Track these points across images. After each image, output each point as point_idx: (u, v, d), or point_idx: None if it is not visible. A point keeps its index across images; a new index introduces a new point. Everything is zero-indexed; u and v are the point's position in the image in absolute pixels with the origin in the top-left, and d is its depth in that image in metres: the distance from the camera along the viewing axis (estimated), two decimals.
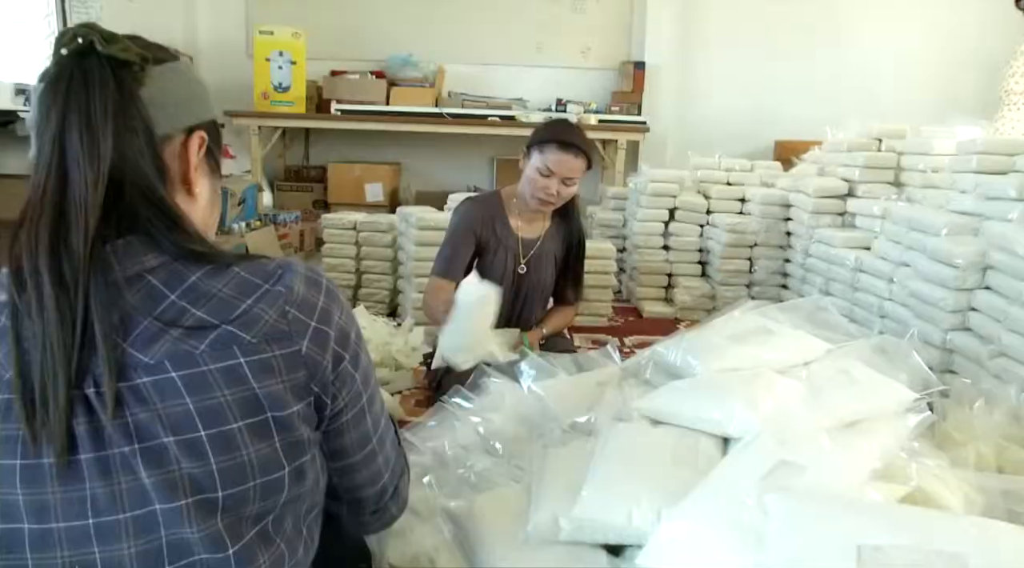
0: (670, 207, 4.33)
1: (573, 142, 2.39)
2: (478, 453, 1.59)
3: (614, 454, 1.19)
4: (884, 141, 3.67)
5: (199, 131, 0.89)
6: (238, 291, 0.80)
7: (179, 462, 0.74)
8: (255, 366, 0.77)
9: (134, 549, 0.74)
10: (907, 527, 0.84)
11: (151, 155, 0.81)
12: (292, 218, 5.09)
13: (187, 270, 0.80)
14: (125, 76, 0.80)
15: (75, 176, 0.76)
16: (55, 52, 0.80)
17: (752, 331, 1.46)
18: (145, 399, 0.74)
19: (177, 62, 0.89)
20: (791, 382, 1.31)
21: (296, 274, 0.84)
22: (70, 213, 0.75)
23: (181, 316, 0.76)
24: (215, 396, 0.75)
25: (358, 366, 0.90)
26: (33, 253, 0.74)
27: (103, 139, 0.77)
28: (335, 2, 6.10)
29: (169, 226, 0.80)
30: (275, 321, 0.79)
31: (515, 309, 2.64)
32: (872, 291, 3.11)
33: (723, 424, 1.19)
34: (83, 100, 0.77)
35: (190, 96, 0.89)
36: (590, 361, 1.79)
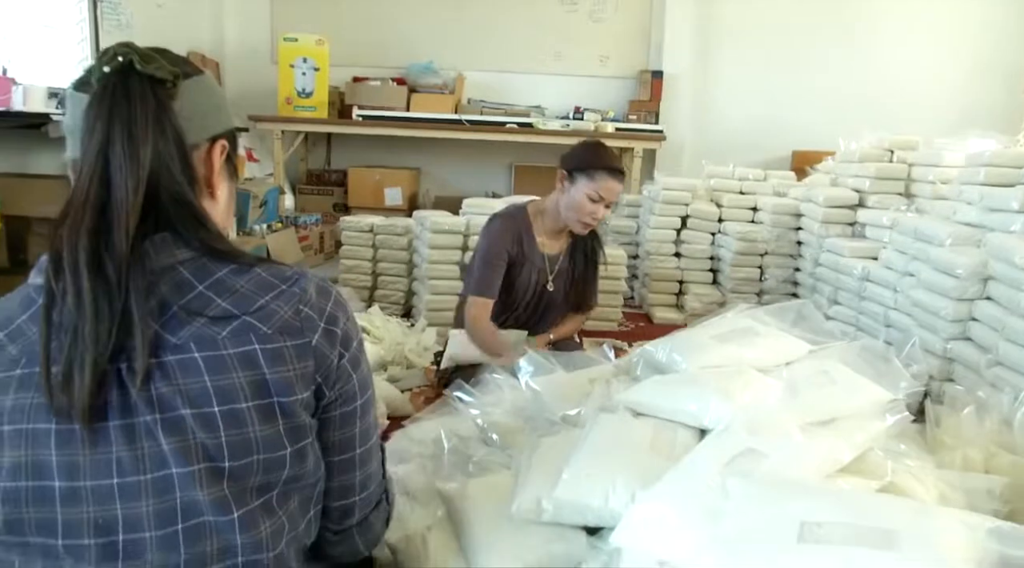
0: (682, 215, 4.38)
1: (619, 167, 2.50)
2: (476, 443, 1.67)
3: (596, 442, 1.26)
4: (896, 152, 3.71)
5: (221, 140, 0.99)
6: (258, 288, 0.90)
7: (194, 432, 0.83)
8: (268, 354, 0.87)
9: (152, 508, 0.83)
10: (847, 506, 0.90)
11: (182, 162, 0.91)
12: (312, 220, 5.20)
13: (213, 266, 0.90)
14: (160, 92, 0.90)
15: (118, 181, 0.85)
16: (98, 69, 0.89)
17: (737, 331, 1.52)
18: (169, 375, 0.83)
19: (202, 75, 0.99)
20: (770, 380, 1.37)
21: (309, 281, 0.95)
22: (112, 214, 0.85)
23: (207, 305, 0.87)
24: (230, 377, 0.85)
25: (357, 369, 0.99)
26: (74, 249, 0.83)
27: (143, 149, 0.86)
28: (358, 10, 6.22)
29: (197, 226, 0.90)
30: (289, 317, 0.90)
31: (533, 318, 2.72)
32: (878, 300, 3.15)
33: (699, 416, 1.26)
34: (125, 114, 0.86)
35: (214, 108, 0.99)
36: (587, 359, 1.86)
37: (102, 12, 4.99)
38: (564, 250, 2.71)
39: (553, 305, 2.72)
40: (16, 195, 3.67)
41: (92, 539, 0.83)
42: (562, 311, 2.79)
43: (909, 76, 6.21)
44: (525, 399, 1.72)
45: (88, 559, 0.83)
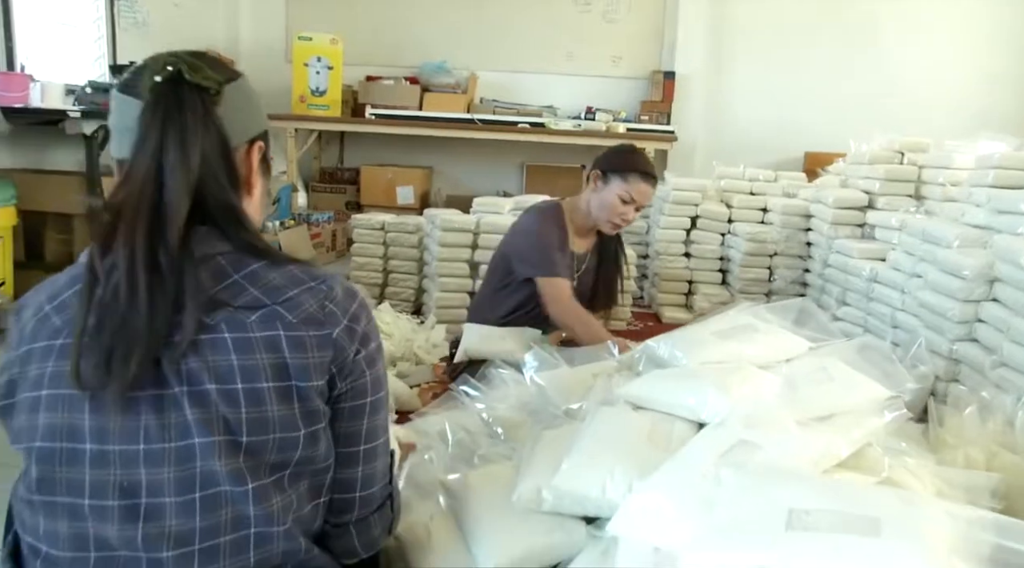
0: (692, 215, 4.39)
1: (653, 173, 2.55)
2: (481, 437, 1.69)
3: (595, 434, 1.29)
4: (906, 154, 3.71)
5: (259, 141, 1.07)
6: (288, 282, 0.97)
7: (217, 406, 0.90)
8: (291, 340, 0.94)
9: (173, 474, 0.90)
10: (834, 494, 0.92)
11: (226, 164, 0.98)
12: (325, 218, 5.24)
13: (249, 259, 0.97)
14: (207, 99, 0.97)
15: (171, 185, 0.93)
16: (148, 77, 0.96)
17: (738, 328, 1.54)
18: (200, 352, 0.91)
19: (241, 79, 1.05)
20: (769, 375, 1.39)
21: (337, 283, 1.02)
22: (166, 213, 0.92)
23: (241, 292, 0.94)
24: (255, 358, 0.92)
25: (372, 367, 1.04)
26: (131, 249, 0.90)
27: (193, 154, 0.94)
28: (372, 10, 6.26)
29: (236, 223, 0.98)
30: (314, 310, 0.97)
31: None
32: (885, 301, 3.15)
33: (696, 409, 1.29)
34: (178, 123, 0.94)
35: (252, 110, 1.06)
36: (591, 355, 1.89)
37: (119, 10, 5.06)
38: (590, 249, 2.74)
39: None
40: (33, 190, 3.73)
41: (116, 500, 0.89)
42: None
43: (921, 79, 6.20)
44: (530, 394, 1.75)
45: (111, 519, 0.89)
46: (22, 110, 3.75)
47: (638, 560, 1.01)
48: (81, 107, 3.81)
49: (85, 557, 0.90)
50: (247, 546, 0.93)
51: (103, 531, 0.90)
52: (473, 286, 3.69)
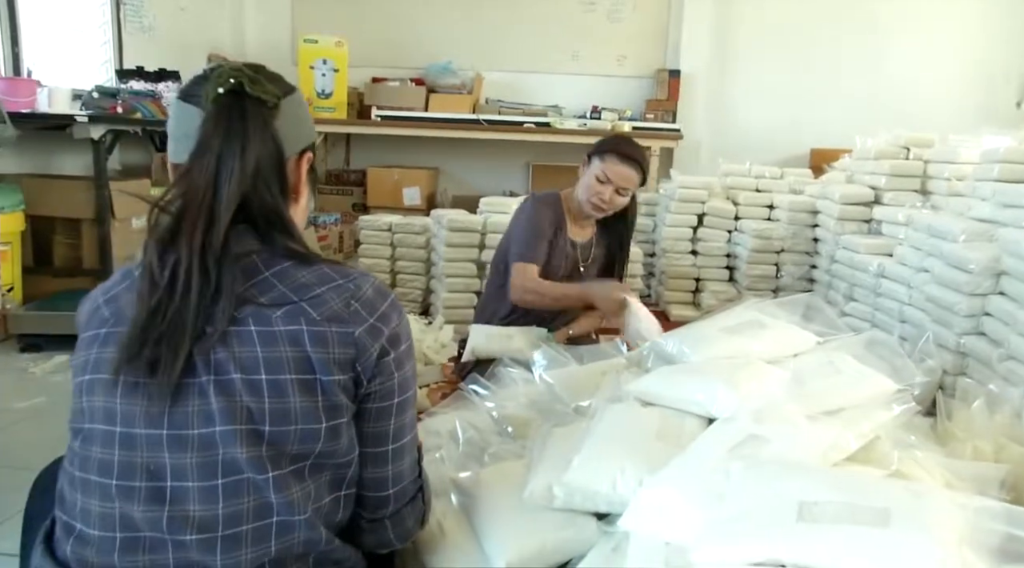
0: (699, 213, 4.40)
1: (631, 155, 2.52)
2: (491, 435, 1.70)
3: (604, 430, 1.30)
4: (912, 149, 3.71)
5: (308, 152, 1.12)
6: (317, 280, 1.00)
7: (241, 395, 0.93)
8: (313, 336, 0.96)
9: (196, 460, 0.93)
10: (843, 486, 0.93)
11: (279, 174, 1.03)
12: (332, 220, 5.26)
13: (282, 257, 1.01)
14: (266, 113, 1.02)
15: (225, 190, 0.97)
16: (212, 89, 1.00)
17: (745, 324, 1.55)
18: (228, 343, 0.94)
19: (295, 95, 1.10)
20: (777, 370, 1.40)
21: (369, 282, 1.05)
22: (216, 216, 0.96)
23: (269, 289, 0.98)
24: (278, 350, 0.95)
25: (401, 368, 1.06)
26: (191, 243, 0.95)
27: (250, 162, 0.98)
28: (377, 12, 6.28)
29: (282, 229, 1.02)
30: (339, 308, 0.99)
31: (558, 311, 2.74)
32: (893, 296, 3.16)
33: (706, 405, 1.29)
34: (239, 132, 0.98)
35: (305, 123, 1.11)
36: (599, 353, 1.90)
37: (125, 15, 5.08)
38: (592, 240, 2.74)
39: None
40: (41, 196, 3.74)
41: (142, 482, 0.93)
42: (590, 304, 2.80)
43: (924, 75, 6.20)
44: (539, 392, 1.76)
45: (137, 500, 0.92)
46: (29, 115, 3.76)
47: (649, 555, 1.02)
48: (88, 112, 3.82)
49: (112, 537, 0.93)
50: (269, 535, 0.95)
51: (129, 511, 0.93)
52: (480, 286, 3.70)
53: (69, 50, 4.77)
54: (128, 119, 4.02)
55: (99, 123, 3.75)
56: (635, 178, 2.55)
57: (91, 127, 3.71)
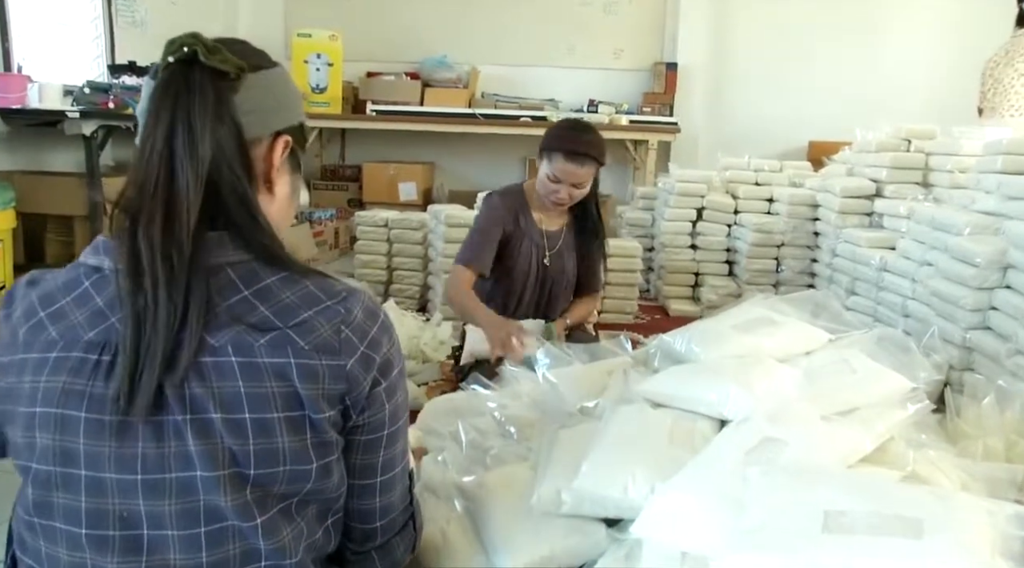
0: (698, 207, 4.36)
1: (578, 151, 2.43)
2: (493, 436, 1.66)
3: (614, 433, 1.26)
4: (913, 142, 3.67)
5: (284, 135, 0.98)
6: (303, 301, 0.88)
7: (223, 437, 0.83)
8: (302, 369, 0.85)
9: (174, 507, 0.83)
10: (870, 494, 0.89)
11: (241, 156, 0.90)
12: (327, 216, 5.21)
13: (263, 272, 0.89)
14: (222, 84, 0.89)
15: (180, 174, 0.85)
16: (163, 58, 0.90)
17: (755, 321, 1.51)
18: (204, 376, 0.83)
19: (271, 70, 0.98)
20: (789, 369, 1.36)
21: (358, 302, 0.92)
22: (177, 208, 0.85)
23: (250, 311, 0.86)
24: (264, 385, 0.84)
25: (392, 397, 0.96)
26: (151, 243, 0.83)
27: (202, 142, 0.86)
28: (371, 5, 6.22)
29: (251, 221, 0.89)
30: (329, 336, 0.88)
31: (541, 299, 2.71)
32: (896, 290, 3.12)
33: (718, 406, 1.25)
34: (186, 106, 0.86)
35: (279, 103, 0.97)
36: (604, 351, 1.85)
37: (116, 9, 5.02)
38: (564, 228, 2.70)
39: (557, 283, 2.70)
40: (32, 192, 3.69)
41: (116, 531, 0.83)
42: (567, 291, 2.77)
43: (923, 68, 6.16)
44: (542, 392, 1.72)
45: (111, 550, 0.83)
46: (20, 111, 3.71)
47: (664, 563, 0.98)
48: (80, 107, 3.77)
49: None
50: None
51: (102, 563, 0.84)
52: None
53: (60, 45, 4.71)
54: (120, 114, 3.96)
55: (91, 119, 3.70)
56: (586, 173, 2.48)
57: (83, 123, 3.66)
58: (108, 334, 0.85)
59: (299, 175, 1.05)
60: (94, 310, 0.86)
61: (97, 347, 0.84)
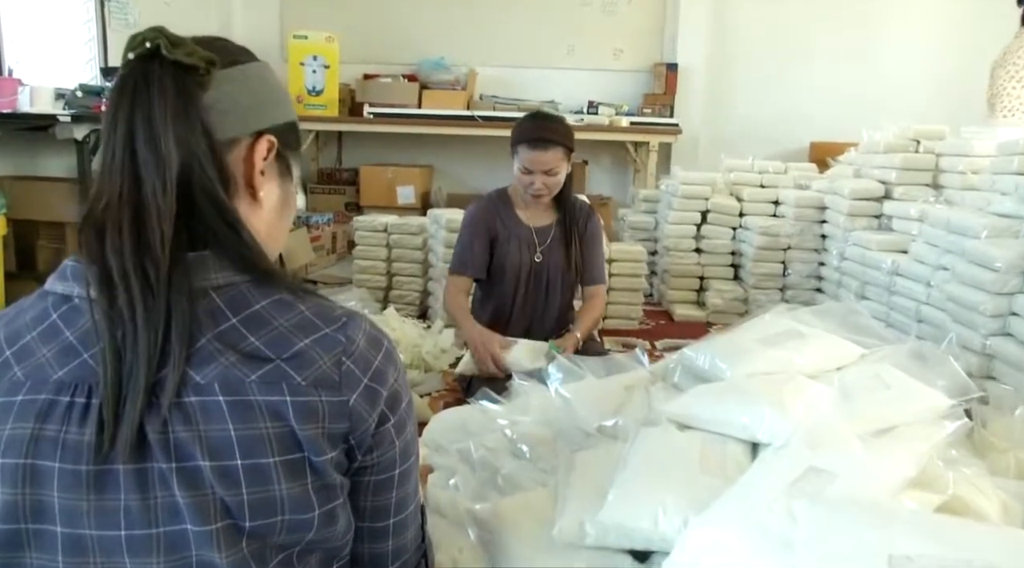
0: (702, 209, 4.29)
1: (540, 137, 2.47)
2: (504, 456, 1.58)
3: (641, 459, 1.17)
4: (922, 142, 3.61)
5: (267, 135, 0.87)
6: (298, 328, 0.78)
7: (213, 487, 0.73)
8: (299, 407, 0.76)
9: (164, 565, 0.73)
10: (939, 536, 0.81)
11: (212, 160, 0.80)
12: (324, 220, 5.12)
13: (252, 296, 0.79)
14: (187, 81, 0.80)
15: (147, 178, 0.76)
16: (124, 55, 0.81)
17: (783, 335, 1.43)
18: (190, 418, 0.73)
19: (249, 65, 0.88)
20: (822, 387, 1.28)
21: (359, 329, 0.82)
22: (147, 218, 0.75)
23: (239, 342, 0.76)
24: (257, 427, 0.74)
25: (402, 433, 0.87)
26: (120, 254, 0.74)
27: (166, 144, 0.76)
28: (368, 7, 6.13)
29: (229, 233, 0.80)
30: (328, 369, 0.78)
31: (539, 298, 2.66)
32: (909, 295, 3.05)
33: (752, 429, 1.17)
34: (146, 105, 0.77)
35: (259, 100, 0.87)
36: (618, 365, 1.77)
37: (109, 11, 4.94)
38: (554, 223, 2.65)
39: (553, 280, 2.65)
40: (24, 198, 3.61)
41: None
42: (566, 289, 2.70)
43: (924, 68, 6.09)
44: (555, 408, 1.64)
45: None
46: (10, 115, 3.63)
47: None
48: (72, 111, 3.68)
49: None
50: None
51: None
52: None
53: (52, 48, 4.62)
54: None
55: (83, 123, 3.61)
56: (554, 157, 2.49)
57: (74, 127, 3.58)
58: (81, 372, 0.75)
59: (290, 181, 0.94)
60: (64, 345, 0.76)
61: (69, 388, 0.74)
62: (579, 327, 2.61)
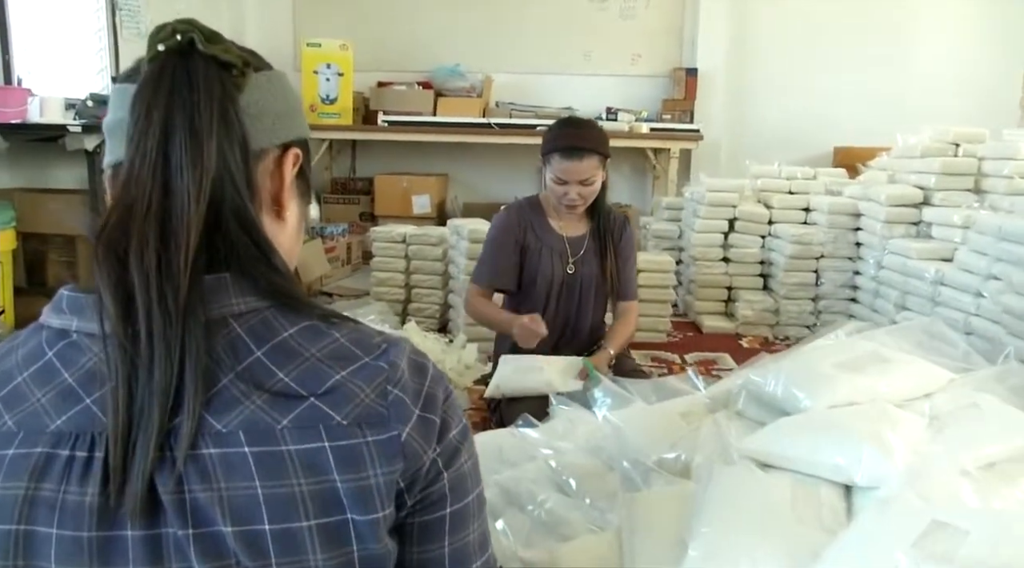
0: (730, 217, 4.16)
1: (574, 146, 2.34)
2: (548, 489, 1.45)
3: (722, 504, 1.03)
4: (962, 145, 3.47)
5: (294, 148, 0.77)
6: (333, 359, 0.67)
7: (237, 558, 0.61)
8: (341, 454, 0.64)
9: None
10: None
11: (245, 171, 0.69)
12: (339, 231, 5.02)
13: (279, 323, 0.67)
14: (227, 79, 0.70)
15: (178, 188, 0.65)
16: (152, 47, 0.69)
17: (863, 358, 1.29)
18: (209, 474, 0.61)
19: (274, 72, 0.78)
20: (916, 418, 1.15)
21: (402, 352, 0.71)
22: (174, 234, 0.64)
23: (267, 379, 0.64)
24: (289, 484, 0.62)
25: (451, 465, 0.72)
26: (145, 275, 0.62)
27: (207, 147, 0.66)
28: (382, 13, 6.04)
29: (261, 257, 0.69)
30: (372, 401, 0.66)
31: (569, 309, 2.53)
32: (956, 306, 2.91)
33: (848, 471, 1.03)
34: (188, 103, 0.67)
35: (288, 109, 0.78)
36: (669, 388, 1.63)
37: (121, 21, 4.84)
38: (588, 233, 2.53)
39: (586, 291, 2.51)
40: (33, 211, 3.50)
41: None
42: (599, 300, 2.57)
43: (954, 70, 5.94)
44: (603, 436, 1.50)
45: None
46: (20, 126, 3.52)
47: None
48: (82, 121, 3.57)
49: None
50: None
51: None
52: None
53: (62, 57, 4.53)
54: None
55: (93, 133, 3.50)
56: (590, 166, 2.35)
57: (85, 137, 3.47)
58: (82, 420, 0.63)
59: (307, 202, 0.83)
60: (62, 389, 0.64)
61: (68, 439, 0.62)
62: (612, 343, 2.48)
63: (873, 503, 0.96)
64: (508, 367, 2.40)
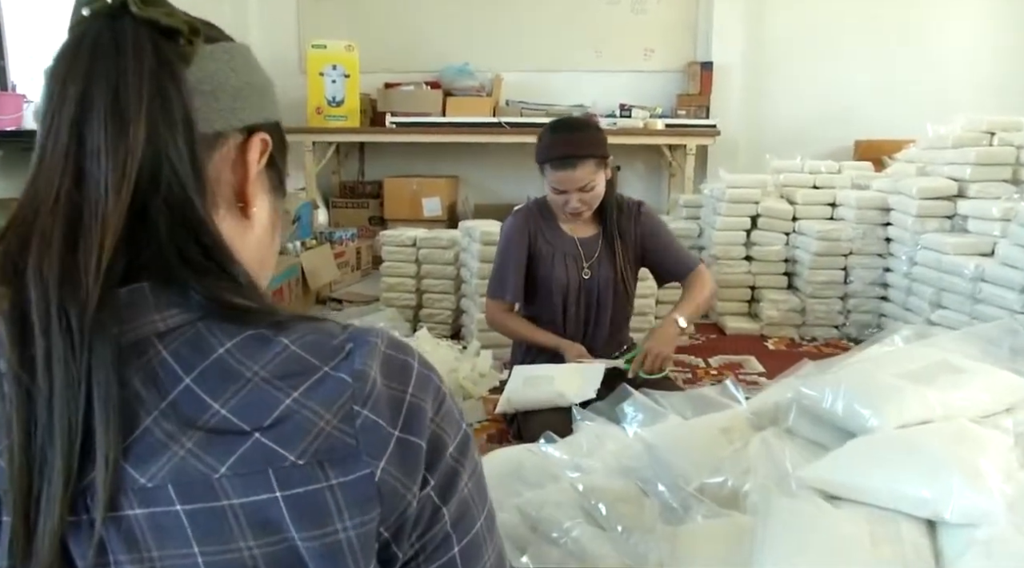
0: (752, 214, 3.99)
1: (566, 154, 2.21)
2: (575, 513, 1.30)
3: (788, 542, 0.88)
4: (997, 134, 3.30)
5: (261, 133, 0.64)
6: (281, 375, 0.52)
7: None
8: (298, 505, 0.50)
9: None
10: None
11: (191, 159, 0.56)
12: (348, 235, 4.89)
13: (213, 338, 0.53)
14: (168, 49, 0.56)
15: (94, 174, 0.52)
16: (75, 11, 0.56)
17: (932, 367, 1.13)
18: (136, 541, 0.48)
19: (234, 44, 0.65)
20: (999, 436, 1.00)
21: (373, 352, 0.55)
22: (83, 232, 0.51)
23: (198, 413, 0.50)
24: (236, 547, 0.49)
25: (451, 495, 0.58)
26: (43, 284, 0.49)
27: (134, 127, 0.53)
28: (388, 13, 5.91)
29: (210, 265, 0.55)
30: (334, 429, 0.52)
31: (589, 314, 2.40)
32: (999, 303, 2.75)
33: (936, 506, 0.88)
34: (112, 73, 0.54)
35: (250, 87, 0.64)
36: (707, 401, 1.48)
37: None
38: (601, 232, 2.40)
39: (604, 295, 2.37)
40: None
41: None
42: (619, 305, 2.42)
43: (976, 59, 5.75)
44: (634, 455, 1.35)
45: None
46: (15, 134, 3.44)
47: None
48: None
49: None
50: None
51: None
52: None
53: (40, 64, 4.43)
54: None
55: None
56: (587, 171, 2.21)
57: None
58: None
59: (281, 197, 0.69)
60: None
61: None
62: (682, 309, 2.35)
63: (974, 545, 0.81)
64: (519, 379, 2.27)
